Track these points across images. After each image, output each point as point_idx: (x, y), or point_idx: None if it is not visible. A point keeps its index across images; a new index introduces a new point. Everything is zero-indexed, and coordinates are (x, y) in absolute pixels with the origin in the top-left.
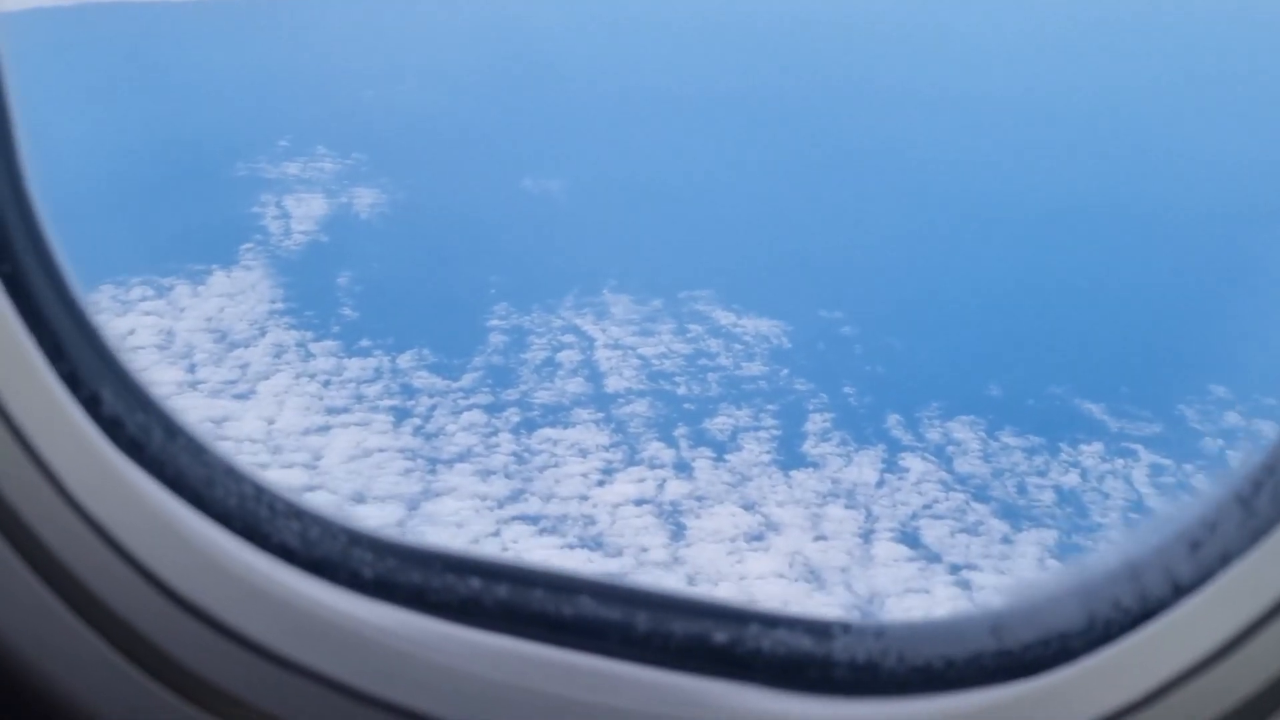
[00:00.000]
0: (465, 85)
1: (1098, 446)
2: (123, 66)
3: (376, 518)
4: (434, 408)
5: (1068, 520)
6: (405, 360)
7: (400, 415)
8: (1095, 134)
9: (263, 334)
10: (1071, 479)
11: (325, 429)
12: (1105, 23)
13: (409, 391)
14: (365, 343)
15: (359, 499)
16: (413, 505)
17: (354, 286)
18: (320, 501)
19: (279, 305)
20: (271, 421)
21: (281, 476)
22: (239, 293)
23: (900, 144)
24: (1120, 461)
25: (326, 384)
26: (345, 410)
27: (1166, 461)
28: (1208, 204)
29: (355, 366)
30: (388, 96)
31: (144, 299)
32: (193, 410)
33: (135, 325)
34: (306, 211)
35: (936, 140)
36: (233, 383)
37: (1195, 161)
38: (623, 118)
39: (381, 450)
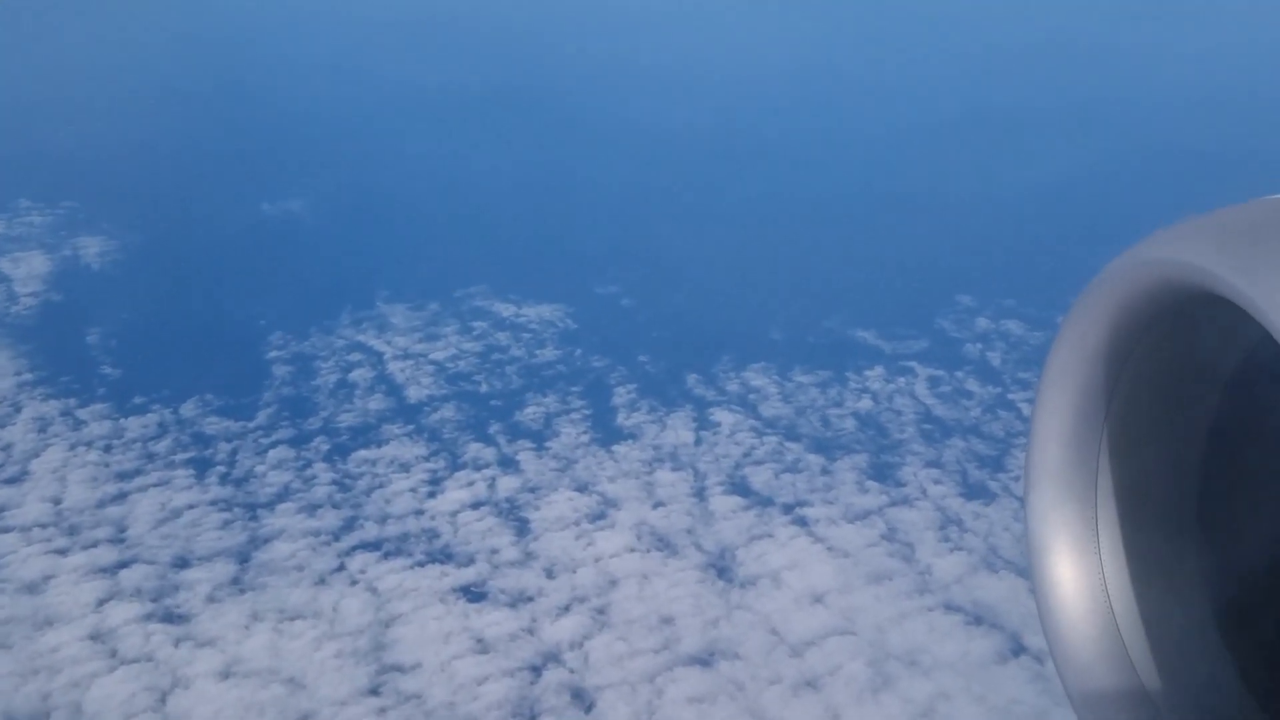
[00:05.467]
0: (170, 109)
1: (879, 370)
2: None
3: (208, 579)
4: (235, 452)
5: (873, 442)
6: (189, 409)
7: (201, 466)
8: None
9: (18, 410)
10: (865, 404)
11: (122, 497)
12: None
13: (203, 440)
14: (139, 399)
15: (182, 563)
16: (244, 558)
17: (108, 342)
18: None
19: (27, 376)
20: (58, 501)
21: (88, 559)
22: None
23: (638, 119)
24: (902, 380)
25: (108, 449)
26: (139, 473)
27: (939, 372)
28: (884, 128)
29: (135, 425)
30: (88, 133)
31: None
32: None
33: None
34: (28, 271)
35: (668, 113)
36: None
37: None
38: (352, 124)
39: (192, 507)
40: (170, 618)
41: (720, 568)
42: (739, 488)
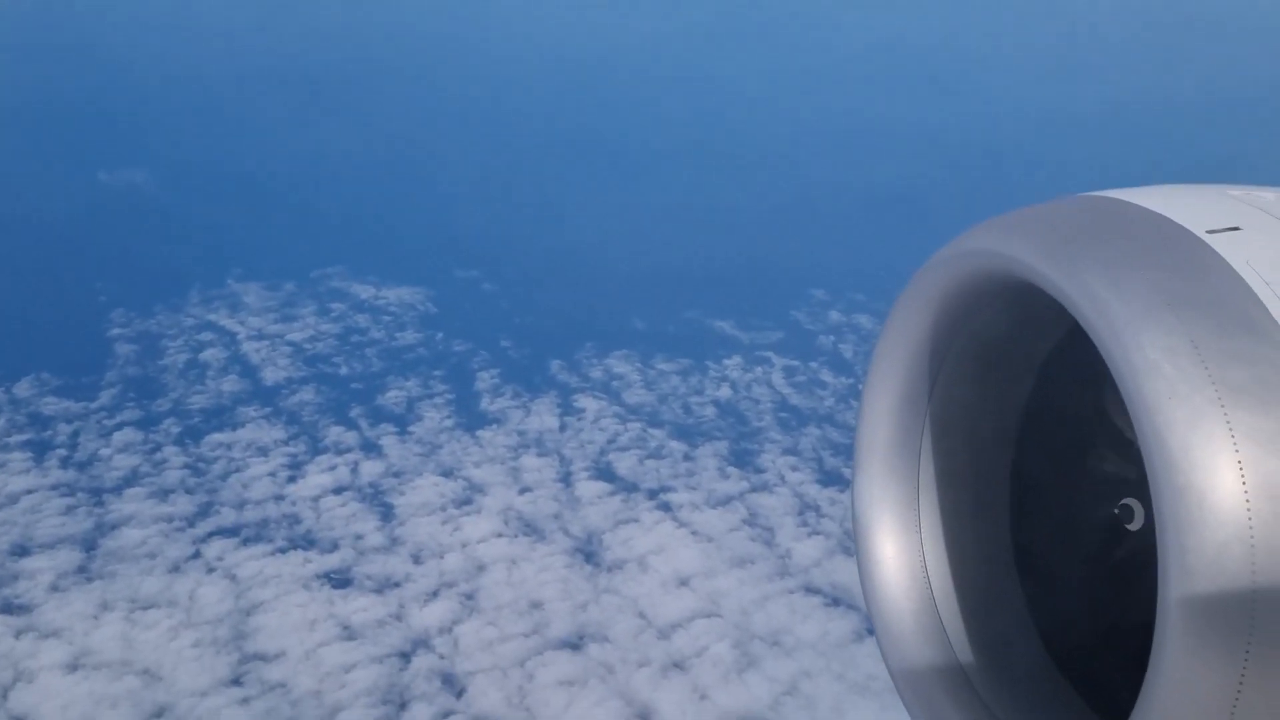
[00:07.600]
0: None
1: (738, 359)
2: None
3: (51, 567)
4: (77, 434)
5: (733, 429)
6: (24, 389)
7: (39, 449)
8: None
9: None
10: (725, 392)
11: None
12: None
13: (41, 422)
14: None
15: (21, 551)
16: (90, 545)
17: None
18: None
19: None
20: None
21: None
22: None
23: (502, 104)
24: (759, 369)
25: None
26: None
27: (795, 362)
28: (735, 127)
29: None
30: None
31: None
32: None
33: None
34: None
35: (532, 100)
36: None
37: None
38: (202, 95)
39: (30, 492)
40: (9, 608)
41: (588, 552)
42: (604, 473)
